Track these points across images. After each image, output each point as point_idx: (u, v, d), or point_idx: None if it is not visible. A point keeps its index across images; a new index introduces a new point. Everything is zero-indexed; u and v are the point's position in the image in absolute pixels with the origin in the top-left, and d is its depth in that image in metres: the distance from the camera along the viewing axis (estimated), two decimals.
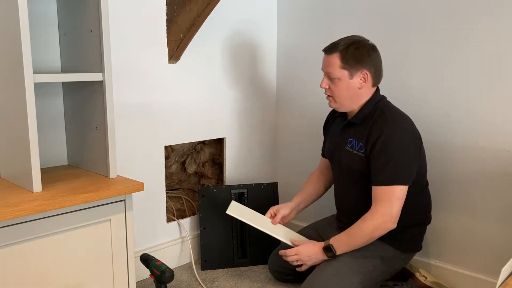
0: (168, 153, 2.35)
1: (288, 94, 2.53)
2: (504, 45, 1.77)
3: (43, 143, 1.68)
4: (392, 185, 1.68)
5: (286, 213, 2.00)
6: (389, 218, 1.68)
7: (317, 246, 1.80)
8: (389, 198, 1.68)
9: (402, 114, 1.79)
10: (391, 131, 1.70)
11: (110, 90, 1.52)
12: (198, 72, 2.21)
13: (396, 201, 1.68)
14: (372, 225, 1.69)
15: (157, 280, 1.67)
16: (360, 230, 1.71)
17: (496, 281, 1.82)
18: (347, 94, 1.77)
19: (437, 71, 1.95)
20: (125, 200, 1.52)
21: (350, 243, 1.74)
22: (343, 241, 1.75)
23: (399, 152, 1.70)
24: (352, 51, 1.73)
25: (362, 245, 1.73)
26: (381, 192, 1.70)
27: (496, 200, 1.85)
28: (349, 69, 1.74)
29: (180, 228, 2.25)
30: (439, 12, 1.92)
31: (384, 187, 1.69)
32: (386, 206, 1.68)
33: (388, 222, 1.68)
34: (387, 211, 1.68)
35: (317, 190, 2.09)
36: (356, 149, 1.79)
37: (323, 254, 1.77)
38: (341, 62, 1.73)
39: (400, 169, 1.69)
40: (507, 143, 1.80)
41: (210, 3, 1.95)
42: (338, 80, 1.75)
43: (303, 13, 2.40)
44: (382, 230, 1.69)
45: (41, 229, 1.34)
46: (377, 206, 1.69)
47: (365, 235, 1.71)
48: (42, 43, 1.67)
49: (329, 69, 1.76)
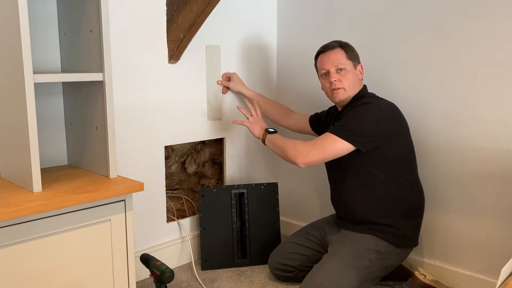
0: (168, 153, 2.35)
1: (288, 94, 2.53)
2: (504, 45, 1.77)
3: (43, 143, 1.69)
4: (334, 134, 1.75)
5: (235, 86, 2.32)
6: (304, 154, 1.76)
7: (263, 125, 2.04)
8: (321, 141, 1.76)
9: (383, 99, 1.87)
10: (362, 105, 1.81)
11: (110, 90, 1.52)
12: (198, 72, 2.21)
13: (325, 147, 1.75)
14: (294, 148, 1.79)
15: (157, 280, 1.68)
16: (289, 144, 1.81)
17: (496, 281, 1.82)
18: (354, 82, 1.88)
19: (437, 72, 1.95)
20: (125, 200, 1.52)
21: (277, 142, 1.88)
22: (278, 138, 1.90)
23: (356, 117, 1.78)
24: (350, 48, 1.90)
25: (279, 153, 1.86)
26: (321, 136, 1.79)
27: (496, 200, 1.85)
28: (352, 60, 1.88)
29: (180, 228, 2.25)
30: (439, 13, 1.92)
31: (326, 133, 1.78)
32: (312, 146, 1.76)
33: (299, 157, 1.77)
34: (308, 149, 1.76)
35: (274, 115, 2.31)
36: None
37: (264, 131, 1.99)
38: (345, 53, 1.87)
39: (352, 129, 1.76)
40: (507, 143, 1.80)
41: (210, 3, 1.95)
42: (346, 71, 1.86)
43: (303, 14, 2.40)
44: (291, 157, 1.79)
45: (41, 229, 1.34)
46: (311, 142, 1.78)
47: (285, 149, 1.82)
48: (42, 43, 1.67)
49: (337, 61, 1.86)
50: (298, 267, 2.01)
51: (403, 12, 2.03)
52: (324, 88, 1.93)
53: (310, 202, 2.52)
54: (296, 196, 2.58)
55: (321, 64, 1.91)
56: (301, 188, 2.55)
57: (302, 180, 2.54)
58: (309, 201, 2.52)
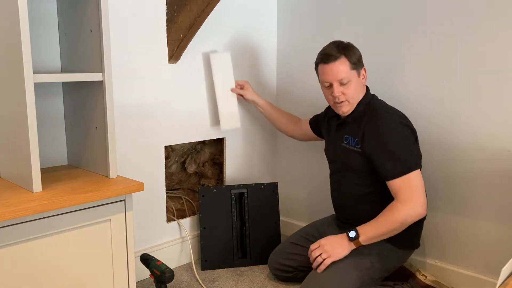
0: (168, 153, 2.35)
1: (288, 94, 2.53)
2: (504, 45, 1.77)
3: (43, 143, 1.69)
4: (404, 174, 1.70)
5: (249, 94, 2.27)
6: (419, 205, 1.70)
7: (339, 235, 1.77)
8: (408, 187, 1.70)
9: (395, 110, 1.84)
10: (387, 125, 1.75)
11: (110, 90, 1.52)
12: (198, 72, 2.21)
13: (416, 187, 1.70)
14: (403, 213, 1.68)
15: (157, 280, 1.68)
16: (391, 218, 1.69)
17: (496, 281, 1.82)
18: (357, 91, 1.82)
19: (437, 72, 1.95)
20: (125, 200, 1.52)
21: (377, 229, 1.70)
22: (368, 227, 1.71)
23: (399, 143, 1.74)
24: (353, 51, 1.80)
25: (390, 233, 1.70)
26: (398, 185, 1.70)
27: (497, 200, 1.85)
28: (356, 68, 1.80)
29: (180, 228, 2.25)
30: (439, 13, 1.92)
31: (397, 180, 1.71)
32: (408, 195, 1.69)
33: (420, 208, 1.70)
34: (413, 199, 1.69)
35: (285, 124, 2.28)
36: (352, 144, 1.83)
37: (346, 238, 1.73)
38: (350, 63, 1.77)
39: (406, 157, 1.72)
40: (507, 143, 1.80)
41: (210, 3, 1.95)
42: (350, 82, 1.78)
43: (303, 15, 2.40)
44: (414, 217, 1.69)
45: (41, 229, 1.34)
46: (400, 197, 1.69)
47: (395, 221, 1.68)
48: (42, 43, 1.67)
49: (341, 75, 1.77)
50: (298, 268, 2.01)
51: (403, 12, 2.02)
52: (327, 98, 1.88)
53: (310, 202, 2.52)
54: (296, 196, 2.57)
55: (323, 75, 1.82)
56: (301, 188, 2.55)
57: (302, 180, 2.54)
58: (309, 201, 2.52)
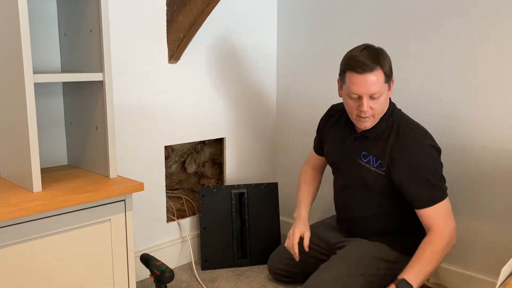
0: (168, 153, 2.35)
1: (288, 94, 2.53)
2: (504, 45, 1.77)
3: (43, 143, 1.69)
4: (437, 203, 1.65)
5: (308, 231, 1.90)
6: (452, 234, 1.65)
7: None
8: (442, 214, 1.65)
9: (422, 129, 1.71)
10: (420, 152, 1.65)
11: (110, 90, 1.52)
12: (198, 72, 2.21)
13: (448, 213, 1.66)
14: (441, 246, 1.62)
15: (157, 280, 1.68)
16: (434, 255, 1.61)
17: (496, 281, 1.82)
18: (385, 105, 1.67)
19: (436, 72, 1.95)
20: (125, 200, 1.52)
21: (423, 269, 1.59)
22: (415, 272, 1.58)
23: (434, 172, 1.67)
24: (386, 60, 1.62)
25: (435, 269, 1.63)
26: (431, 213, 1.65)
27: (497, 200, 1.85)
28: (388, 81, 1.64)
29: (180, 228, 2.25)
30: (439, 13, 1.92)
31: (428, 208, 1.65)
32: (443, 224, 1.64)
33: (454, 238, 1.66)
34: (448, 229, 1.65)
35: (315, 192, 2.05)
36: (375, 166, 1.72)
37: None
38: (384, 76, 1.60)
39: (440, 186, 1.67)
40: (507, 143, 1.80)
41: (210, 3, 1.95)
42: (380, 96, 1.61)
43: (303, 15, 2.40)
44: (450, 248, 1.66)
45: (41, 229, 1.34)
46: (435, 227, 1.64)
47: (437, 257, 1.62)
48: (42, 43, 1.67)
49: (374, 88, 1.58)
50: (297, 273, 1.97)
51: (403, 12, 2.02)
52: (349, 110, 1.70)
53: None
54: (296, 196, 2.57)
55: (353, 86, 1.61)
56: None
57: None
58: None
